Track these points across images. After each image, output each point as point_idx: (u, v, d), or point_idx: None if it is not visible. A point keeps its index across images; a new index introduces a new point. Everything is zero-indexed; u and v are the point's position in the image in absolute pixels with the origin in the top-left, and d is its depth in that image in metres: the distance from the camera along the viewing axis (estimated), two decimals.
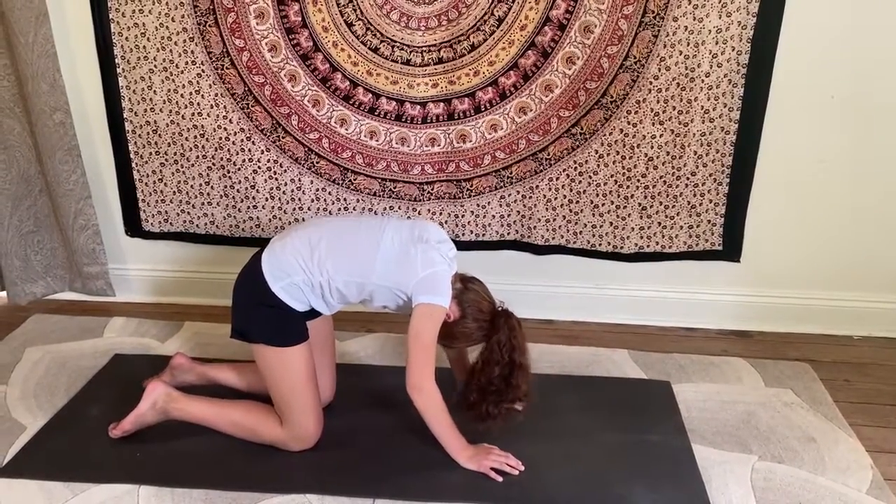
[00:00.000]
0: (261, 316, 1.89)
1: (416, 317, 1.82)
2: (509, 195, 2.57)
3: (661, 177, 2.49)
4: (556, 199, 2.56)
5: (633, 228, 2.57)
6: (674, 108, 2.39)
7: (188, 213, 2.73)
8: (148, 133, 2.62)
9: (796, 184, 2.49)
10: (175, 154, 2.64)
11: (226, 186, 2.66)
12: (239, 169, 2.62)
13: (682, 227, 2.55)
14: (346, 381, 2.19)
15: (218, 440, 1.99)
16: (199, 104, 2.54)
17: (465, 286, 1.92)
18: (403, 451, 1.98)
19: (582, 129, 2.45)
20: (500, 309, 1.95)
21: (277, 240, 1.95)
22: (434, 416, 1.85)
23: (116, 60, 2.52)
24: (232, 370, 2.18)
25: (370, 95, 2.48)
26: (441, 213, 2.62)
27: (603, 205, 2.55)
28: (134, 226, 2.79)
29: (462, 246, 2.12)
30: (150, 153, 2.65)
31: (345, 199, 2.64)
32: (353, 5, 2.38)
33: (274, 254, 1.90)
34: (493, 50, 2.38)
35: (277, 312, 1.88)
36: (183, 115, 2.57)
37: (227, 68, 2.49)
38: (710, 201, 2.51)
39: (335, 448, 1.97)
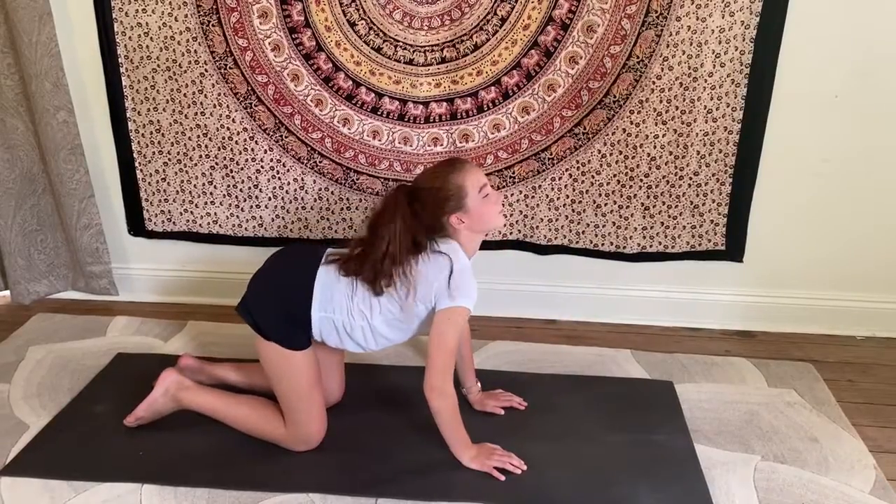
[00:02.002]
0: (281, 318, 1.89)
1: (438, 321, 1.81)
2: (512, 195, 2.57)
3: (663, 176, 2.48)
4: (558, 198, 2.56)
5: (635, 228, 2.56)
6: (677, 107, 2.38)
7: (191, 212, 2.73)
8: (151, 132, 2.62)
9: (799, 184, 2.48)
10: (178, 153, 2.64)
11: (229, 186, 2.66)
12: (242, 168, 2.63)
13: (684, 227, 2.55)
14: (351, 380, 2.19)
15: (221, 439, 1.99)
16: (202, 104, 2.55)
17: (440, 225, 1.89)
18: (407, 451, 1.98)
19: (585, 128, 2.45)
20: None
21: (333, 265, 1.91)
22: (449, 417, 1.85)
23: (120, 60, 2.52)
24: (238, 370, 2.19)
25: (373, 95, 2.48)
26: None
27: (605, 204, 2.55)
28: (137, 225, 2.79)
29: None
30: (154, 152, 2.65)
31: (347, 199, 2.64)
32: (356, 5, 2.38)
33: (329, 283, 1.88)
34: (496, 49, 2.38)
35: (297, 324, 1.89)
36: (186, 115, 2.57)
37: (230, 68, 2.49)
38: (713, 201, 2.50)
39: (338, 447, 1.97)
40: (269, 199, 2.67)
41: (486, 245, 2.65)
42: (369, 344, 1.93)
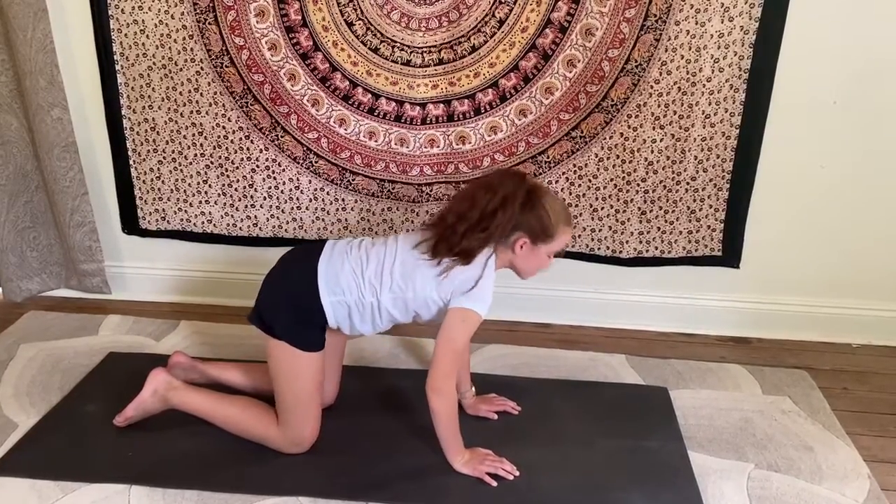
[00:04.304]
0: (293, 316, 1.87)
1: (450, 320, 1.79)
2: None
3: (660, 181, 2.47)
4: None
5: (632, 233, 2.55)
6: (675, 112, 2.37)
7: (185, 211, 2.71)
8: (146, 130, 2.61)
9: (797, 190, 2.47)
10: (173, 152, 2.63)
11: (224, 185, 2.65)
12: (237, 167, 2.61)
13: (681, 233, 2.54)
14: (344, 382, 2.17)
15: (211, 441, 1.98)
16: (197, 102, 2.53)
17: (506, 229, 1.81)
18: (398, 455, 1.96)
19: (582, 132, 2.44)
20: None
21: (336, 251, 1.89)
22: (446, 418, 1.83)
23: (115, 57, 2.51)
24: (233, 369, 2.17)
25: (370, 96, 2.47)
26: None
27: (602, 209, 2.54)
28: (131, 223, 2.78)
29: None
30: (148, 151, 2.64)
31: (343, 200, 2.62)
32: (354, 5, 2.37)
33: (332, 266, 1.86)
34: (494, 52, 2.37)
35: (310, 318, 1.87)
36: (181, 113, 2.56)
37: (226, 66, 2.48)
38: (710, 206, 2.49)
39: (330, 451, 1.96)
40: (265, 198, 2.65)
41: None
42: (376, 323, 1.90)
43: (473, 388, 2.17)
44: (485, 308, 1.80)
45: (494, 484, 1.83)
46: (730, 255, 2.56)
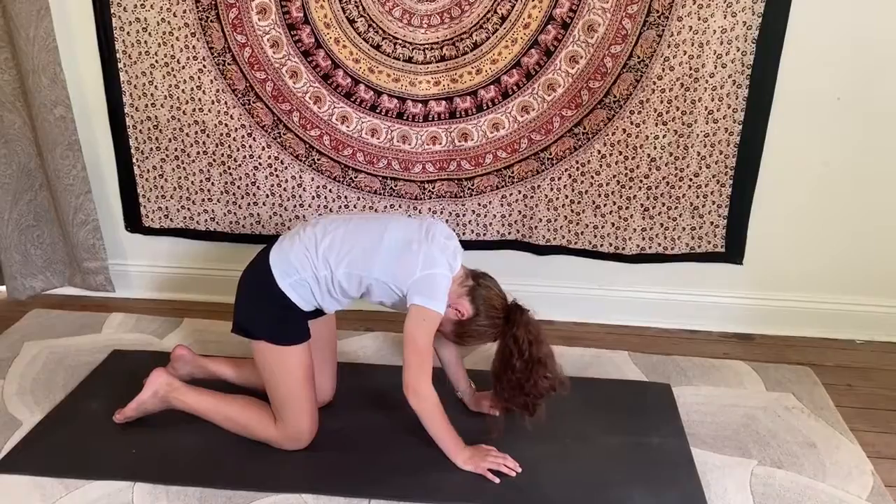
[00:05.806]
0: (265, 313, 1.89)
1: (410, 319, 1.81)
2: (511, 195, 2.56)
3: (663, 178, 2.47)
4: (557, 199, 2.54)
5: (634, 229, 2.55)
6: (677, 108, 2.37)
7: (188, 209, 2.72)
8: (149, 128, 2.61)
9: (800, 186, 2.47)
10: (176, 150, 2.63)
11: (226, 183, 2.65)
12: (240, 165, 2.61)
13: (684, 229, 2.53)
14: (344, 380, 2.18)
15: (214, 439, 1.98)
16: (200, 100, 2.53)
17: (477, 282, 1.90)
18: (400, 452, 1.96)
19: (584, 128, 2.44)
20: (512, 304, 1.92)
21: (286, 237, 1.93)
22: (430, 419, 1.84)
23: (118, 55, 2.51)
24: (232, 365, 2.18)
25: (371, 93, 2.46)
26: (442, 212, 2.61)
27: (605, 205, 2.53)
28: (134, 221, 2.78)
29: (463, 245, 2.13)
30: (151, 148, 2.64)
31: (345, 197, 2.62)
32: (356, 2, 2.36)
33: (283, 250, 1.89)
34: (496, 48, 2.37)
35: (282, 310, 1.87)
36: (184, 111, 2.56)
37: (228, 64, 2.48)
38: (713, 203, 2.49)
39: (331, 448, 1.96)
40: (267, 196, 2.65)
41: (485, 245, 2.64)
42: (335, 296, 1.90)
43: (473, 386, 2.16)
44: (442, 306, 1.81)
45: (497, 480, 1.84)
46: (733, 251, 2.55)
